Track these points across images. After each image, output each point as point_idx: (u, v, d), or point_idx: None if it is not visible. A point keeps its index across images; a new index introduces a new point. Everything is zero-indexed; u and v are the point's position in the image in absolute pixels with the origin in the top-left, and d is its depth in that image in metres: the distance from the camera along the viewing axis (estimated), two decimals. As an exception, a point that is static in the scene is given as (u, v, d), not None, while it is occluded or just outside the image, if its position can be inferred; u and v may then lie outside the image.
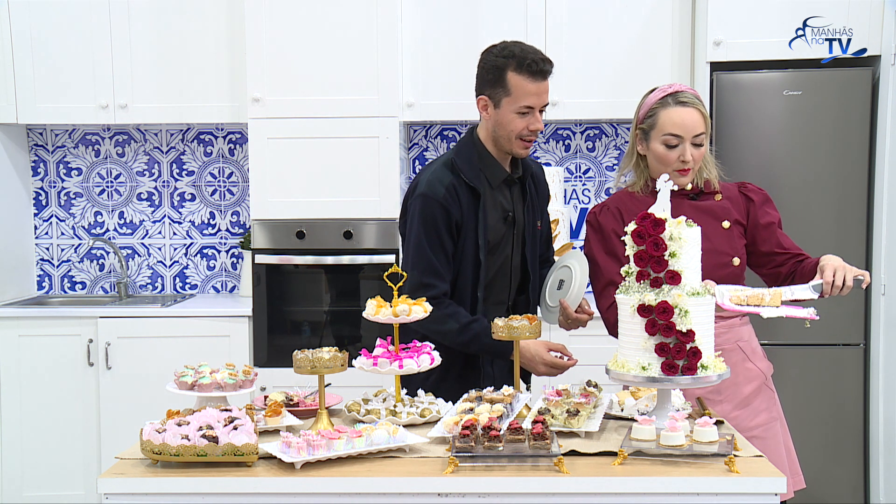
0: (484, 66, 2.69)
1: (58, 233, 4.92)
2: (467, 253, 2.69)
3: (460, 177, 2.69)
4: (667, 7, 4.34)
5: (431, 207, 2.66)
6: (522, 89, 2.63)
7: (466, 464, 2.04)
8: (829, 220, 4.08)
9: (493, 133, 2.72)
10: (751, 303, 2.45)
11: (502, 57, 2.65)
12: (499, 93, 2.65)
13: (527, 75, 2.62)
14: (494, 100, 2.67)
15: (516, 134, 2.68)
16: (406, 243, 2.74)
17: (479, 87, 2.72)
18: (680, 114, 2.60)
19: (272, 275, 4.31)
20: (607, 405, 2.43)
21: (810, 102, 4.07)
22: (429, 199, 2.66)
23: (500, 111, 2.67)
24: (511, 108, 2.65)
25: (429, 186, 2.67)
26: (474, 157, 2.73)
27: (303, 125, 4.24)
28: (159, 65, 4.48)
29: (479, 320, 2.66)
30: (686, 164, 2.61)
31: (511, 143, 2.70)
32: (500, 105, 2.66)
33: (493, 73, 2.66)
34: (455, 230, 2.68)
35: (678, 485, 1.98)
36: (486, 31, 4.35)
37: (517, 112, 2.65)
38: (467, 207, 2.68)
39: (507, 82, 2.64)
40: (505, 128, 2.67)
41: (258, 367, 4.08)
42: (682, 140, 2.60)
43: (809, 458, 3.37)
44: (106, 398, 4.30)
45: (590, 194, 4.78)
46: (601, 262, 2.67)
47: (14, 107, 4.50)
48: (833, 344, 4.11)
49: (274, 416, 2.34)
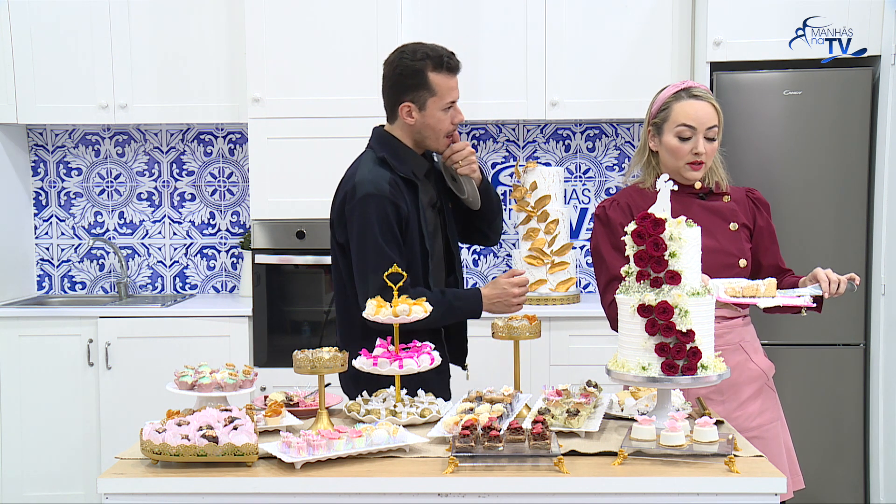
0: (401, 73, 2.72)
1: (58, 233, 4.92)
2: (414, 245, 2.72)
3: (395, 172, 2.72)
4: (667, 7, 4.34)
5: (383, 206, 2.65)
6: (445, 86, 2.71)
7: (466, 464, 2.04)
8: (829, 220, 4.08)
9: (418, 134, 2.76)
10: (746, 294, 2.46)
11: (418, 60, 2.70)
12: (423, 95, 2.70)
13: (446, 72, 2.71)
14: (419, 103, 2.71)
15: (444, 132, 2.75)
16: (360, 248, 2.66)
17: (397, 94, 2.73)
18: (693, 106, 2.62)
19: (272, 275, 4.31)
20: (607, 405, 2.43)
21: (810, 102, 4.07)
22: (378, 198, 2.66)
23: (427, 112, 2.72)
24: (437, 106, 2.72)
25: (373, 186, 2.67)
26: (400, 153, 2.77)
27: (303, 125, 4.24)
28: (159, 65, 4.48)
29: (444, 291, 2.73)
30: (699, 156, 2.62)
31: (439, 141, 2.77)
32: (425, 107, 2.71)
33: (413, 77, 2.70)
34: (404, 224, 2.70)
35: (678, 485, 1.98)
36: (486, 31, 4.36)
37: (443, 109, 2.72)
38: (409, 200, 2.72)
39: (429, 83, 2.70)
40: (434, 128, 2.74)
41: (258, 367, 4.08)
42: (696, 132, 2.61)
43: (809, 458, 3.37)
44: (106, 398, 4.30)
45: (590, 194, 4.78)
46: (607, 257, 2.67)
47: (14, 107, 4.50)
48: (833, 344, 4.11)
49: (274, 416, 2.34)
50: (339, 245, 2.75)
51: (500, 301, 2.75)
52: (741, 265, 2.65)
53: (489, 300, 2.74)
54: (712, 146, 2.64)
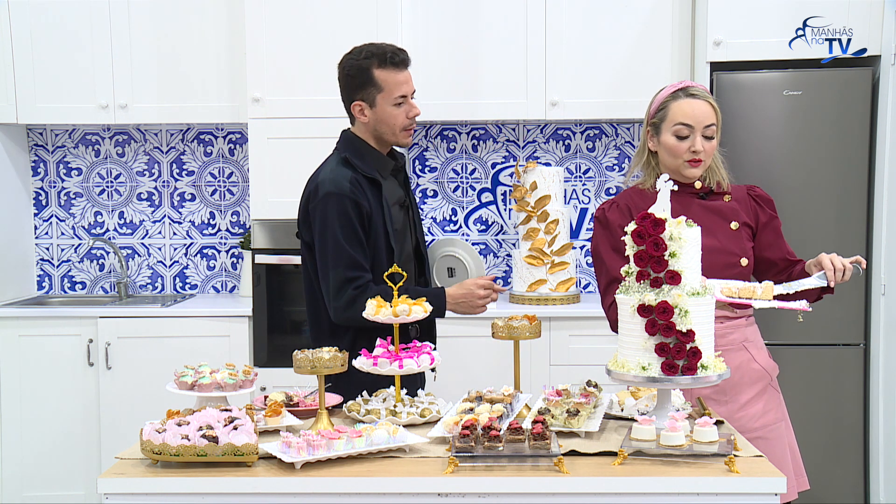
0: (348, 73, 2.77)
1: (58, 233, 4.92)
2: (379, 243, 2.74)
3: (357, 171, 2.74)
4: (667, 7, 4.34)
5: (342, 203, 2.68)
6: (392, 81, 2.74)
7: (466, 464, 2.04)
8: (829, 220, 4.08)
9: (375, 131, 2.79)
10: (742, 295, 2.46)
11: (363, 58, 2.75)
12: (371, 92, 2.75)
13: (391, 67, 2.74)
14: (369, 100, 2.76)
15: (399, 126, 2.78)
16: (322, 246, 2.71)
17: (349, 94, 2.80)
18: (690, 104, 2.64)
19: (272, 275, 4.31)
20: (607, 405, 2.44)
21: (810, 102, 4.07)
22: (338, 196, 2.69)
23: (378, 109, 2.76)
24: (387, 102, 2.75)
25: (334, 185, 2.70)
26: (363, 152, 2.80)
27: (303, 125, 4.24)
28: (159, 65, 4.48)
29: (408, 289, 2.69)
30: (697, 154, 2.63)
31: (396, 136, 2.80)
32: (375, 104, 2.75)
33: (359, 76, 2.74)
34: (367, 222, 2.72)
35: (678, 485, 1.98)
36: (486, 31, 4.36)
37: (394, 104, 2.75)
38: (372, 198, 2.74)
39: (375, 80, 2.74)
40: (388, 123, 2.77)
41: (258, 367, 4.08)
42: (693, 130, 2.63)
43: (810, 458, 3.36)
44: (106, 398, 4.30)
45: (590, 194, 4.78)
46: (606, 259, 2.68)
47: (14, 107, 4.50)
48: (833, 344, 4.11)
49: (274, 416, 2.34)
50: (306, 244, 2.80)
51: (465, 302, 2.77)
52: (742, 264, 2.65)
53: (454, 299, 2.76)
54: (710, 144, 2.65)
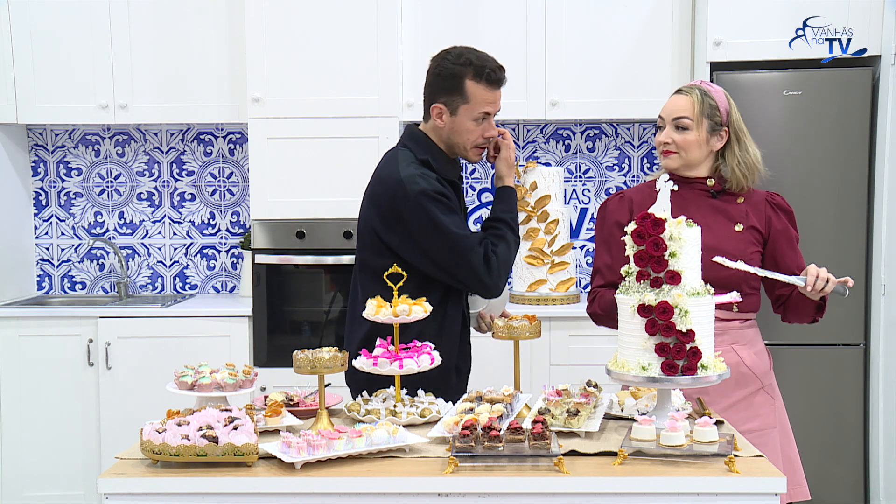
0: (440, 73, 2.68)
1: (58, 233, 4.92)
2: None
3: (437, 173, 2.68)
4: (667, 7, 4.34)
5: (440, 201, 2.61)
6: (481, 97, 2.65)
7: (466, 464, 2.04)
8: (829, 220, 4.08)
9: (447, 139, 2.71)
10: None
11: (459, 65, 2.64)
12: (456, 100, 2.65)
13: (485, 84, 2.64)
14: (451, 107, 2.66)
15: (472, 143, 2.70)
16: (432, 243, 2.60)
17: (432, 94, 2.70)
18: (670, 100, 2.72)
19: (272, 275, 4.31)
20: (607, 405, 2.43)
21: (810, 102, 4.07)
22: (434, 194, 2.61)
23: (457, 119, 2.67)
24: (469, 115, 2.66)
25: (425, 182, 2.62)
26: (436, 154, 2.72)
27: (303, 125, 4.24)
28: (159, 65, 4.48)
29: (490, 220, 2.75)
30: (665, 145, 2.68)
31: (467, 151, 2.72)
32: (456, 112, 2.66)
33: (449, 80, 2.65)
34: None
35: (678, 485, 1.98)
36: (486, 30, 4.35)
37: (474, 119, 2.66)
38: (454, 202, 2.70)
39: (465, 90, 2.64)
40: (462, 135, 2.68)
41: (258, 367, 4.07)
42: (665, 122, 2.69)
43: (810, 458, 3.36)
44: (106, 398, 4.30)
45: (590, 194, 4.78)
46: (596, 248, 2.79)
47: (14, 107, 4.50)
48: (833, 344, 4.11)
49: (274, 416, 2.34)
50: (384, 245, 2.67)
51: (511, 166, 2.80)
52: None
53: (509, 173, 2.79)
54: (682, 136, 2.66)
